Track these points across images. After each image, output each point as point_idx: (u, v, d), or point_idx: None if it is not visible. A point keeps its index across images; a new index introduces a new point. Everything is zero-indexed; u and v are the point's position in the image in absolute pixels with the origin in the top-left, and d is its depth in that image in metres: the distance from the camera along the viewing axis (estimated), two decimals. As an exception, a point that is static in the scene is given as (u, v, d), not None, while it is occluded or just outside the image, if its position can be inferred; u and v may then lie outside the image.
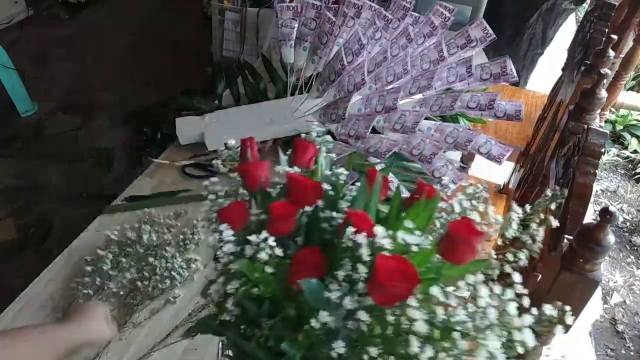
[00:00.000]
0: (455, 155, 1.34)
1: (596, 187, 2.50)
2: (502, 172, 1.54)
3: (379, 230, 0.51)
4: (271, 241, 0.54)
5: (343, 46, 1.26)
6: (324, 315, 0.48)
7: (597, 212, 0.57)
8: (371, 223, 0.53)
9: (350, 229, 0.51)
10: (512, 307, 0.49)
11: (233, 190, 0.67)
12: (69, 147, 2.40)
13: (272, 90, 1.46)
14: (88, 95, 2.72)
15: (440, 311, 0.48)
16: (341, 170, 0.65)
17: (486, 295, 0.49)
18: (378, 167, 0.65)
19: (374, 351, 0.48)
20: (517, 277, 0.52)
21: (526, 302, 0.50)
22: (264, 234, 0.54)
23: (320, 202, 0.59)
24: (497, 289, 0.50)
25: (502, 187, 1.56)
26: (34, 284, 1.01)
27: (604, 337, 1.88)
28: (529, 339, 0.48)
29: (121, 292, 0.98)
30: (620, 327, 1.91)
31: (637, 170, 2.56)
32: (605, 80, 0.93)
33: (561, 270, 0.60)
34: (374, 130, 1.25)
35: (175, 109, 1.45)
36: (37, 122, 2.52)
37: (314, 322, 0.49)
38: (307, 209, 0.59)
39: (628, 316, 1.96)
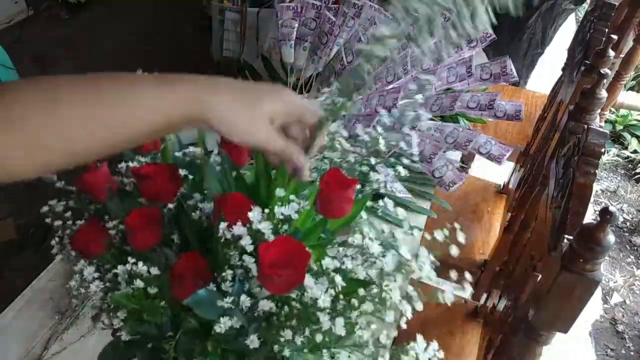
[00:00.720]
0: (455, 155, 1.35)
1: (596, 187, 2.50)
2: (502, 172, 1.54)
3: (254, 215, 0.47)
4: (141, 266, 0.48)
5: (343, 46, 1.26)
6: (225, 321, 0.46)
7: (597, 212, 0.57)
8: (246, 206, 0.48)
9: (223, 224, 0.47)
10: (404, 251, 0.51)
11: (81, 207, 0.59)
12: (69, 147, 2.40)
13: (272, 90, 1.46)
14: (88, 95, 2.71)
15: (339, 279, 0.48)
16: (193, 148, 0.58)
17: (377, 244, 0.50)
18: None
19: (288, 334, 0.47)
20: (402, 213, 0.54)
21: (416, 233, 0.53)
22: (130, 262, 0.48)
23: (182, 190, 0.54)
24: (386, 231, 0.52)
25: (502, 187, 1.56)
26: (34, 284, 1.00)
27: (604, 337, 1.88)
28: (429, 271, 0.51)
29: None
30: (620, 327, 1.91)
31: (637, 170, 2.56)
32: (605, 80, 0.93)
33: (561, 270, 0.60)
34: (374, 130, 1.26)
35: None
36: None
37: (218, 328, 0.46)
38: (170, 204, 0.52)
39: (628, 316, 1.96)
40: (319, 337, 0.47)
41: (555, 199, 0.79)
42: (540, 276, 0.74)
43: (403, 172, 0.63)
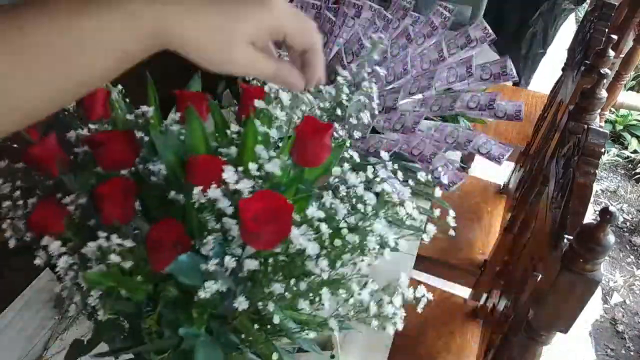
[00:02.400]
0: (455, 156, 1.35)
1: (596, 187, 2.49)
2: (502, 172, 1.54)
3: (229, 175, 0.44)
4: (115, 238, 0.44)
5: (343, 46, 1.26)
6: (211, 285, 0.44)
7: (597, 212, 0.57)
8: (217, 166, 0.45)
9: (197, 189, 0.44)
10: (386, 186, 0.50)
11: (30, 185, 0.53)
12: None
13: (272, 90, 1.46)
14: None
15: (324, 227, 0.46)
16: (145, 107, 0.54)
17: (358, 180, 0.49)
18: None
19: (278, 288, 0.45)
20: (384, 155, 0.53)
21: (399, 175, 0.52)
22: (102, 236, 0.44)
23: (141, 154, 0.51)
24: (369, 172, 0.51)
25: (502, 187, 1.56)
26: (33, 284, 1.01)
27: (604, 337, 1.88)
28: (412, 210, 0.51)
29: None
30: (620, 327, 1.91)
31: (637, 170, 2.56)
32: (605, 80, 0.93)
33: (561, 270, 0.60)
34: (374, 130, 1.25)
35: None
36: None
37: (203, 294, 0.44)
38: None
39: (628, 316, 1.96)
40: (308, 285, 0.45)
41: (555, 199, 0.79)
42: (540, 276, 0.74)
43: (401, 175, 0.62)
